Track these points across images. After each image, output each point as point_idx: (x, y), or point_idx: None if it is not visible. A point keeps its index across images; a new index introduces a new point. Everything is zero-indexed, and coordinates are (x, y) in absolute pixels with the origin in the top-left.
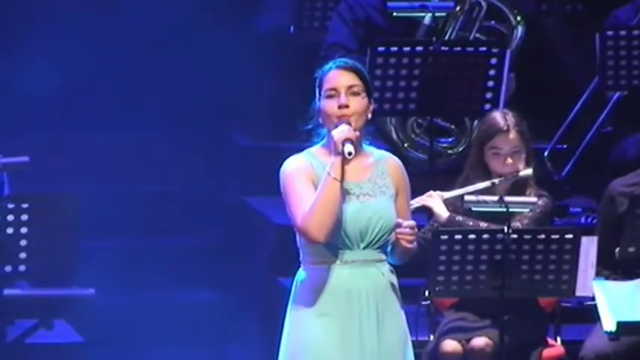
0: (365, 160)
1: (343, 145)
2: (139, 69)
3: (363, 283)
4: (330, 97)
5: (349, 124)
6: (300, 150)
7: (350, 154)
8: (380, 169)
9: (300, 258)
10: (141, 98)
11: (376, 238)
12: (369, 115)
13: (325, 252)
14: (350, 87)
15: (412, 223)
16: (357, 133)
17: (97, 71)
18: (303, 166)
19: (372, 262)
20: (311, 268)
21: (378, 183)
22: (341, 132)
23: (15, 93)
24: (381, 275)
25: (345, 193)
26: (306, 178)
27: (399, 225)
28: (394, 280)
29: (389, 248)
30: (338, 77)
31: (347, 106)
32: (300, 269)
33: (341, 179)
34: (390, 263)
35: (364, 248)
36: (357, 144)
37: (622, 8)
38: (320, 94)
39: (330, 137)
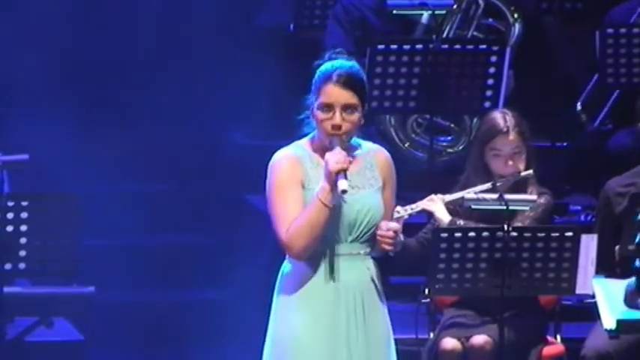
0: (354, 153)
1: (337, 178)
2: (139, 68)
3: (349, 277)
4: (324, 110)
5: (342, 142)
6: None
7: (344, 192)
8: (369, 162)
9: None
10: (140, 97)
11: (363, 232)
12: (362, 121)
13: None
14: (345, 106)
15: (395, 226)
16: (351, 159)
17: (97, 70)
18: (291, 165)
19: (359, 256)
20: (297, 262)
21: (366, 175)
22: (336, 162)
23: (15, 91)
24: (366, 269)
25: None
26: (293, 180)
27: (381, 227)
28: (378, 274)
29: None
30: (335, 95)
31: (340, 127)
32: (286, 261)
33: (330, 205)
34: (373, 257)
35: (351, 242)
36: (347, 146)
37: (616, 8)
38: (316, 94)
39: (322, 137)
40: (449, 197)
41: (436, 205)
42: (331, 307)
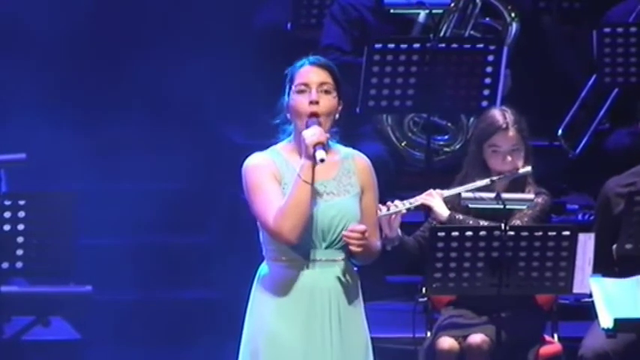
0: (331, 158)
1: (315, 149)
2: (136, 66)
3: (325, 283)
4: (300, 92)
5: (319, 124)
6: None
7: (322, 160)
8: (346, 168)
9: (263, 253)
10: (139, 96)
11: (338, 238)
12: (337, 116)
13: (289, 250)
14: (321, 84)
15: (361, 227)
16: (328, 135)
17: (94, 69)
18: (265, 164)
19: (335, 262)
20: (274, 265)
21: (343, 182)
22: (312, 135)
23: (13, 91)
24: (342, 275)
25: None
26: (270, 177)
27: (347, 229)
28: (357, 280)
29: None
30: (310, 73)
31: (317, 103)
32: (263, 264)
33: (312, 182)
34: (353, 263)
35: (326, 247)
36: (326, 145)
37: (614, 8)
38: (290, 89)
39: (300, 137)
40: (447, 192)
41: (434, 199)
42: (306, 311)
